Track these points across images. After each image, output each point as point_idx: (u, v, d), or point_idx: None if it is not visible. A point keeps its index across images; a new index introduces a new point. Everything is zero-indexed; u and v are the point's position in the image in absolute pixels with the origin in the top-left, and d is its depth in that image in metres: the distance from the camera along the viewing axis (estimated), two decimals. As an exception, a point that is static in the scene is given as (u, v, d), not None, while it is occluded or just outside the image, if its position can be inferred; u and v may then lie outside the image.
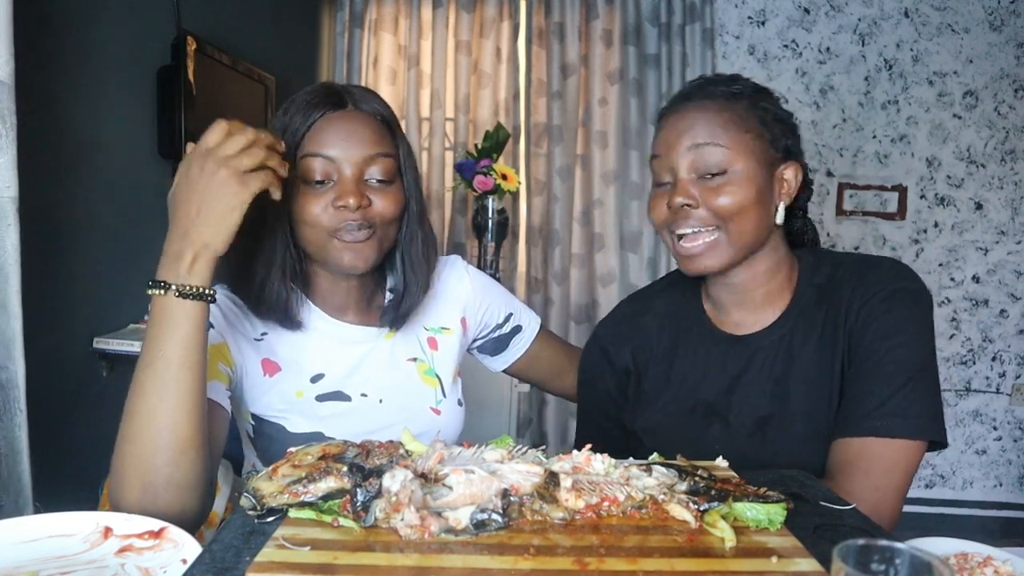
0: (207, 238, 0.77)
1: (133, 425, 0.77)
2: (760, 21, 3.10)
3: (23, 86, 1.04)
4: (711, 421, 1.01)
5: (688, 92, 0.98)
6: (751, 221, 0.94)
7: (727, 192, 0.92)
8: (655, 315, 1.11)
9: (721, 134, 0.92)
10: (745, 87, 0.97)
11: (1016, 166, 3.11)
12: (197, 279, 0.77)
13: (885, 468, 0.87)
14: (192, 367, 0.77)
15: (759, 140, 0.94)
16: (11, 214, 1.02)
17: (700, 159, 0.93)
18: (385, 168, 0.96)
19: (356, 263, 0.96)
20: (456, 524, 0.60)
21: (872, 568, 0.45)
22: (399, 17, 3.07)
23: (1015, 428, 3.21)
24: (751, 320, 1.02)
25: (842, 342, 0.95)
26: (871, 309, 0.93)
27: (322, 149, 0.93)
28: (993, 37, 3.05)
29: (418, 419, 1.05)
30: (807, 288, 1.00)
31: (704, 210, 0.93)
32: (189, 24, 1.92)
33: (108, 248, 1.73)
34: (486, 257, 2.75)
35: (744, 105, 0.95)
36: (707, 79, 0.99)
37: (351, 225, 0.93)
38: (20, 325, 1.05)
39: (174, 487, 0.77)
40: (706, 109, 0.94)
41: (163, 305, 0.77)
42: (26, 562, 0.64)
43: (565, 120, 3.03)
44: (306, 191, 0.94)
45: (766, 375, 0.99)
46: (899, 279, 0.95)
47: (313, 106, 0.94)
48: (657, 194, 0.99)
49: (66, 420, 1.57)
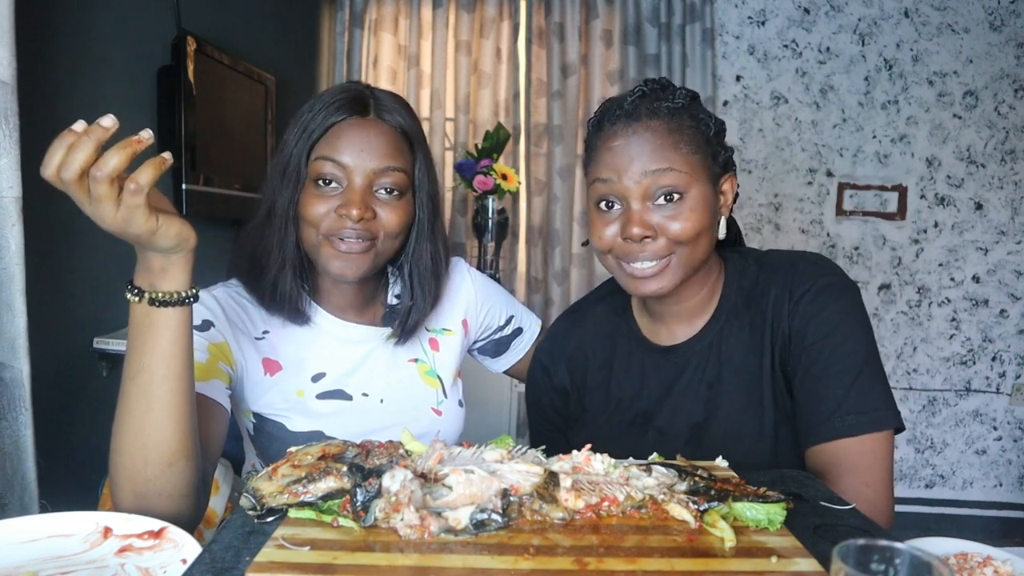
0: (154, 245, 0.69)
1: (121, 438, 0.75)
2: (760, 21, 3.10)
3: (25, 86, 1.04)
4: (646, 431, 1.01)
5: (630, 111, 0.92)
6: (704, 243, 0.93)
7: (685, 218, 0.90)
8: (588, 330, 1.10)
9: (674, 157, 0.89)
10: (682, 97, 0.94)
11: (1016, 166, 3.11)
12: (171, 283, 0.72)
13: (868, 464, 0.88)
14: (176, 377, 0.74)
15: (705, 158, 0.92)
16: (15, 214, 1.03)
17: (655, 185, 0.89)
18: (395, 182, 0.96)
19: (345, 272, 0.95)
20: (456, 524, 0.60)
21: (872, 568, 0.45)
22: (399, 17, 3.07)
23: (1015, 428, 3.21)
24: (683, 329, 1.02)
25: (770, 341, 0.95)
26: (803, 311, 0.93)
27: (335, 154, 0.93)
28: (993, 37, 3.05)
29: (419, 419, 1.05)
30: (733, 291, 1.00)
31: (662, 239, 0.90)
32: (189, 24, 1.92)
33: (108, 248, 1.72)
34: (486, 257, 2.75)
35: (687, 121, 0.92)
36: (643, 93, 0.94)
37: (349, 233, 0.93)
38: (25, 324, 1.05)
39: (166, 496, 0.76)
40: (654, 131, 0.90)
41: (140, 312, 0.73)
42: (26, 562, 0.64)
43: (565, 120, 3.03)
44: (313, 192, 0.94)
45: (698, 381, 0.99)
46: (824, 275, 0.94)
47: (336, 109, 0.94)
48: (603, 219, 0.94)
49: (67, 420, 1.57)
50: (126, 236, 0.68)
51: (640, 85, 0.95)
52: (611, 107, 0.95)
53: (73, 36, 1.58)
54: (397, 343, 1.06)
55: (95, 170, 0.62)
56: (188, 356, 0.76)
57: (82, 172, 0.62)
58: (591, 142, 0.97)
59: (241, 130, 2.19)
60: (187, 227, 0.71)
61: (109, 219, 0.64)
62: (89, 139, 0.61)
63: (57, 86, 1.52)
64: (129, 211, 0.64)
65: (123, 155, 0.62)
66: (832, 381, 0.90)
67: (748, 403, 0.96)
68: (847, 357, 0.90)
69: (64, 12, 1.55)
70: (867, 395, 0.89)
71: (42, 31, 1.48)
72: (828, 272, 0.95)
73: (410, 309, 1.04)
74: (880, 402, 0.89)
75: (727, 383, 0.97)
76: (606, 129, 0.94)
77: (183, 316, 0.74)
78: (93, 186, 0.62)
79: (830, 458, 0.89)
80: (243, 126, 2.22)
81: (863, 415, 0.88)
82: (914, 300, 3.18)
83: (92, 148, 0.61)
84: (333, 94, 0.96)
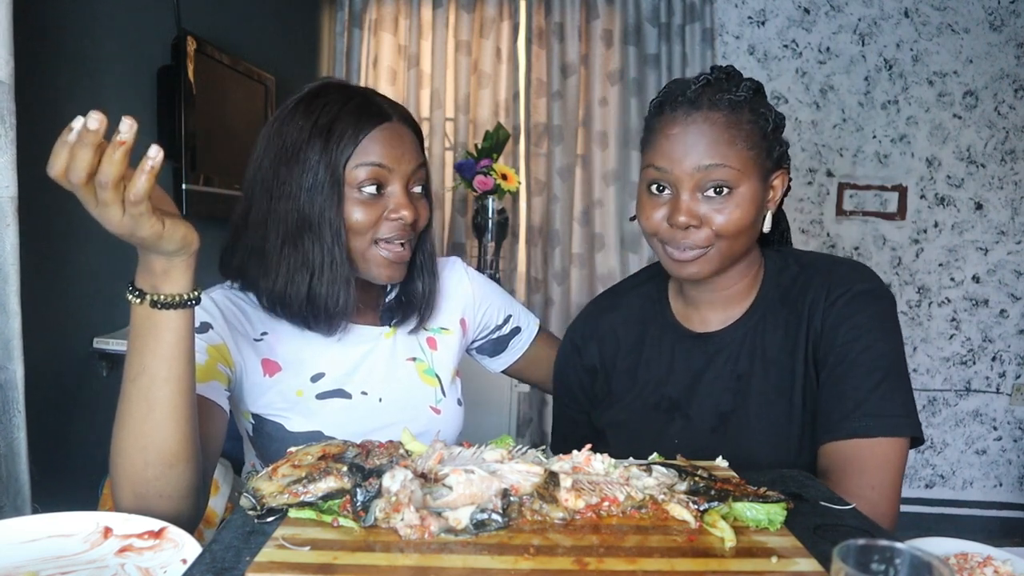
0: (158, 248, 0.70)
1: (121, 439, 0.75)
2: (760, 21, 3.10)
3: (23, 86, 1.04)
4: (673, 416, 1.02)
5: (692, 99, 0.92)
6: (745, 237, 0.94)
7: (730, 213, 0.91)
8: (623, 312, 1.12)
9: (729, 153, 0.90)
10: (746, 90, 0.95)
11: (1016, 166, 3.11)
12: (173, 286, 0.72)
13: (877, 466, 0.88)
14: (177, 379, 0.74)
15: (760, 154, 0.93)
16: (10, 214, 1.02)
17: (707, 178, 0.91)
18: (424, 178, 1.00)
19: (394, 275, 0.99)
20: (456, 524, 0.60)
21: (872, 568, 0.45)
22: (399, 17, 3.07)
23: (1015, 428, 3.21)
24: (717, 317, 1.03)
25: (804, 341, 0.96)
26: (838, 313, 0.94)
27: (380, 159, 0.94)
28: (993, 37, 3.05)
29: (418, 418, 1.05)
30: (771, 287, 1.01)
31: (705, 230, 0.92)
32: (189, 24, 1.92)
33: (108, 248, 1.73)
34: (486, 257, 2.75)
35: (747, 115, 0.93)
36: (708, 81, 0.95)
37: (401, 237, 0.96)
38: (19, 325, 1.05)
39: (166, 498, 0.76)
40: (713, 123, 0.91)
41: (142, 314, 0.73)
42: (26, 562, 0.64)
43: (565, 120, 3.03)
44: (358, 200, 0.94)
45: (729, 371, 1.00)
46: (862, 281, 0.96)
47: (359, 116, 0.94)
48: (652, 201, 0.96)
49: (66, 420, 1.57)
50: (132, 240, 0.68)
51: (706, 73, 0.96)
52: (674, 91, 0.95)
53: (73, 36, 1.58)
54: (411, 332, 1.09)
55: (98, 177, 0.62)
56: (189, 358, 0.76)
57: (89, 176, 0.62)
58: (650, 124, 0.98)
59: (241, 130, 2.19)
60: (191, 231, 0.71)
61: (116, 223, 0.65)
62: (84, 145, 0.61)
63: (56, 86, 1.52)
64: (133, 218, 0.65)
65: (115, 162, 0.61)
66: (855, 382, 0.91)
67: (778, 398, 0.96)
68: (874, 361, 0.91)
69: (63, 12, 1.55)
70: (888, 400, 0.89)
71: (41, 31, 1.47)
72: (867, 279, 0.97)
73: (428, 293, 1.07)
74: (900, 409, 0.89)
75: (757, 376, 0.98)
76: (666, 114, 0.94)
77: (185, 318, 0.74)
78: (99, 192, 0.63)
79: (841, 457, 0.89)
80: (243, 126, 2.22)
81: (880, 418, 0.89)
82: (914, 300, 3.18)
83: (91, 153, 0.61)
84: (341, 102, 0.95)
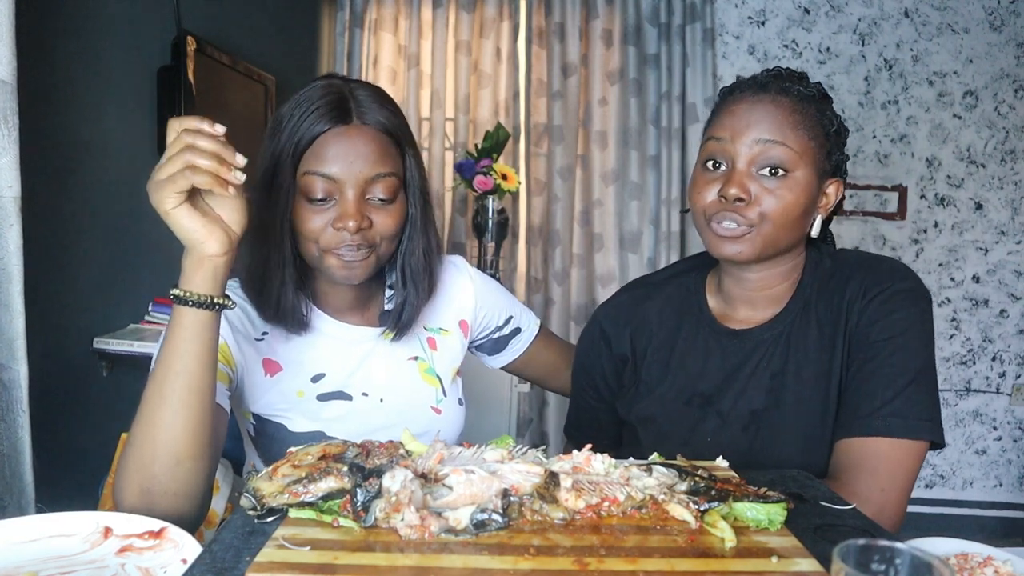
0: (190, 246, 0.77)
1: (136, 429, 0.77)
2: (760, 21, 3.10)
3: (24, 86, 1.04)
4: (706, 413, 1.01)
5: (763, 82, 0.94)
6: (787, 228, 0.93)
7: (781, 196, 0.91)
8: (657, 303, 1.11)
9: (791, 135, 0.91)
10: (817, 90, 0.96)
11: (1016, 166, 3.11)
12: (193, 284, 0.76)
13: (889, 468, 0.87)
14: (189, 375, 0.76)
15: (820, 150, 0.93)
16: (13, 214, 1.02)
17: (764, 155, 0.91)
18: (387, 187, 0.94)
19: (350, 278, 0.96)
20: (456, 524, 0.60)
21: (872, 568, 0.45)
22: (399, 17, 3.07)
23: (1015, 428, 3.21)
24: (754, 316, 1.02)
25: (841, 341, 0.95)
26: (874, 310, 0.93)
27: (324, 168, 0.90)
28: (993, 37, 3.05)
29: (419, 418, 1.05)
30: (809, 286, 1.01)
31: (754, 209, 0.91)
32: (189, 24, 1.92)
33: (108, 248, 1.73)
34: (486, 257, 2.75)
35: (814, 110, 0.93)
36: (781, 72, 0.96)
37: (348, 245, 0.93)
38: (23, 325, 1.05)
39: (171, 495, 0.77)
40: (780, 105, 0.92)
41: (173, 308, 0.78)
42: (26, 562, 0.64)
43: (565, 120, 3.03)
44: (307, 207, 0.92)
45: (764, 369, 0.99)
46: (901, 280, 0.95)
47: (318, 118, 0.91)
48: (706, 177, 0.95)
49: (66, 420, 1.57)
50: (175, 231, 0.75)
51: (778, 67, 0.97)
52: (745, 80, 0.97)
53: (73, 36, 1.58)
54: (394, 339, 1.06)
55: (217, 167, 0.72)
56: (204, 359, 0.78)
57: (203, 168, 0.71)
58: (716, 107, 0.99)
59: (241, 130, 2.19)
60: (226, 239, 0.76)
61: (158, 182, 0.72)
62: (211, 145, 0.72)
63: (57, 86, 1.52)
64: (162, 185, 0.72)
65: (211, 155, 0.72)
66: (882, 381, 0.90)
67: (812, 397, 0.96)
68: (903, 362, 0.90)
69: (64, 12, 1.55)
70: (912, 403, 0.89)
71: (42, 31, 1.48)
72: (906, 278, 0.96)
73: (403, 304, 1.04)
74: (923, 412, 0.89)
75: (792, 375, 0.97)
76: (735, 94, 0.96)
77: (201, 318, 0.77)
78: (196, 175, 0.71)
79: (856, 455, 0.89)
80: (243, 126, 2.22)
81: (901, 420, 0.88)
82: (914, 300, 3.18)
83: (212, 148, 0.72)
84: (312, 100, 0.93)
